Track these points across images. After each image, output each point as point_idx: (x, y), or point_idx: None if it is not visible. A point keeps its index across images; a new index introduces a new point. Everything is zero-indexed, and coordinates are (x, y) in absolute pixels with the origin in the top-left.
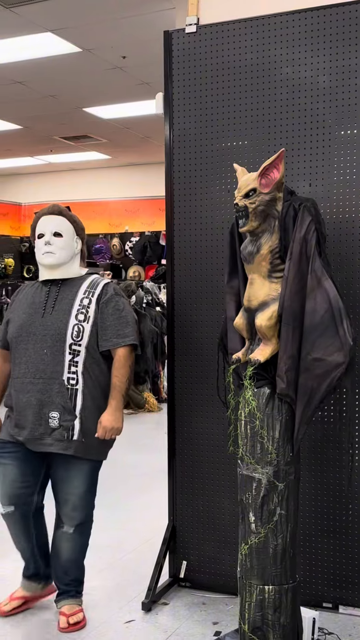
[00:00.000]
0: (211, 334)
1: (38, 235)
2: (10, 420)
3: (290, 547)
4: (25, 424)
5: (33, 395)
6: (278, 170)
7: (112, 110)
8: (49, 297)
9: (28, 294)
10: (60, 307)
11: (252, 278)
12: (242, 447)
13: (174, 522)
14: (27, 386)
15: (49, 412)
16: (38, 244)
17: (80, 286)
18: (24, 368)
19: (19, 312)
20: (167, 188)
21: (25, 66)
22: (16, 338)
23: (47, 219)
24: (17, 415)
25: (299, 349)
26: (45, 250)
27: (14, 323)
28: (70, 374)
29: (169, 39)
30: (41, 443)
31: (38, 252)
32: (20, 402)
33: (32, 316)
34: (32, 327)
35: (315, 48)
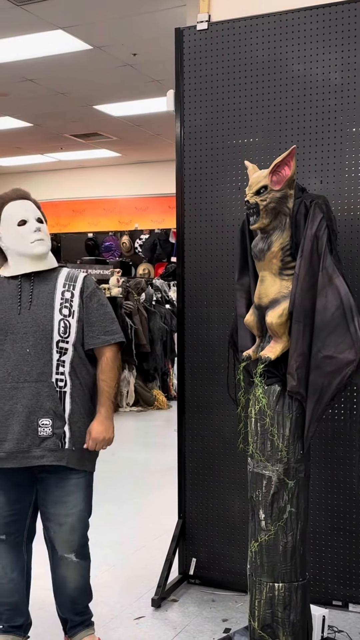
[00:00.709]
0: (221, 332)
1: (19, 222)
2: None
3: (300, 545)
4: (6, 436)
5: (18, 402)
6: (289, 167)
7: (123, 108)
8: (22, 290)
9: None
10: (40, 302)
11: (262, 275)
12: (252, 445)
13: (183, 519)
14: (10, 392)
15: (37, 419)
16: (21, 231)
17: (57, 278)
18: (3, 372)
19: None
20: (178, 185)
21: (36, 64)
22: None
23: (23, 203)
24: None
25: (309, 347)
26: (35, 237)
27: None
28: (59, 374)
29: (180, 36)
30: (28, 456)
31: (23, 240)
32: (0, 411)
33: (5, 313)
34: (8, 326)
35: (326, 45)
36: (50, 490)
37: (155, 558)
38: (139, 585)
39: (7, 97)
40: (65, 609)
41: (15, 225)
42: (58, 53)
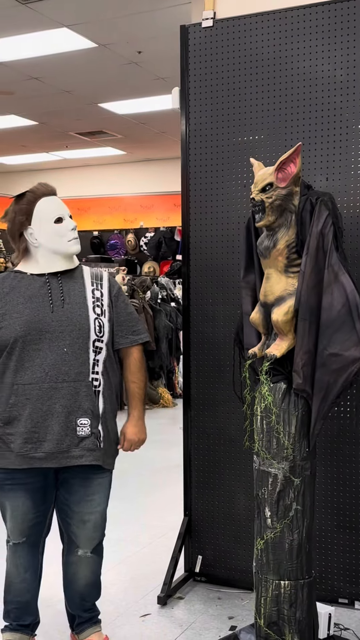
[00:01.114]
0: (227, 329)
1: (55, 219)
2: (17, 437)
3: (306, 543)
4: (44, 437)
5: (57, 402)
6: (295, 164)
7: (128, 106)
8: (52, 289)
9: (17, 287)
10: (73, 300)
11: (268, 273)
12: (258, 442)
13: (189, 517)
14: (48, 392)
15: (76, 419)
16: (58, 228)
17: (83, 276)
18: (40, 372)
19: (17, 307)
20: (183, 183)
21: (41, 62)
22: (22, 338)
23: (55, 199)
24: (30, 427)
25: (315, 344)
26: (73, 236)
27: (14, 320)
28: (94, 374)
29: (185, 33)
30: (68, 456)
31: (59, 238)
32: (39, 411)
33: (37, 311)
34: (42, 324)
35: (332, 42)
36: (75, 489)
37: (161, 556)
38: (145, 583)
39: (12, 96)
40: (74, 605)
41: (51, 223)
42: (63, 51)
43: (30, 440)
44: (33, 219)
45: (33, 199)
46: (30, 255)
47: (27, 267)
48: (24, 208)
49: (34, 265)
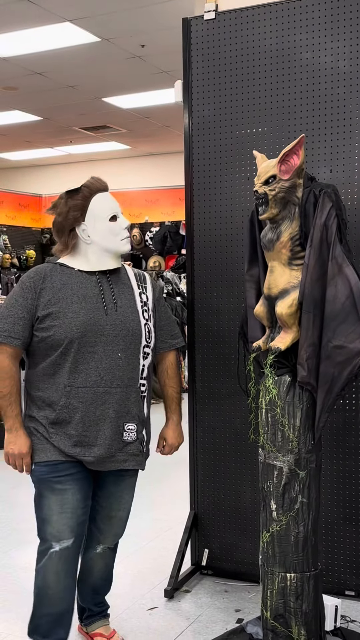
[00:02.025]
0: (232, 323)
1: (110, 217)
2: (63, 438)
3: (311, 535)
4: (95, 441)
5: (110, 407)
6: (298, 156)
7: (132, 100)
8: (104, 289)
9: (68, 283)
10: (124, 303)
11: (272, 266)
12: (263, 435)
13: (195, 511)
14: (102, 397)
15: (124, 424)
16: (112, 226)
17: (129, 278)
18: (95, 375)
19: (72, 306)
20: (187, 176)
21: (45, 57)
22: (79, 339)
23: (110, 196)
24: (82, 431)
25: (319, 337)
26: (126, 235)
27: (69, 320)
28: (142, 379)
29: (187, 26)
30: (113, 460)
31: (113, 237)
32: (92, 415)
33: (93, 313)
34: (97, 327)
35: (335, 33)
36: (106, 486)
37: (167, 549)
38: (152, 577)
39: (16, 91)
40: (86, 598)
41: (106, 220)
42: (66, 46)
43: (80, 443)
44: (87, 216)
45: (88, 194)
46: (79, 251)
47: (74, 263)
48: (79, 204)
49: (83, 262)
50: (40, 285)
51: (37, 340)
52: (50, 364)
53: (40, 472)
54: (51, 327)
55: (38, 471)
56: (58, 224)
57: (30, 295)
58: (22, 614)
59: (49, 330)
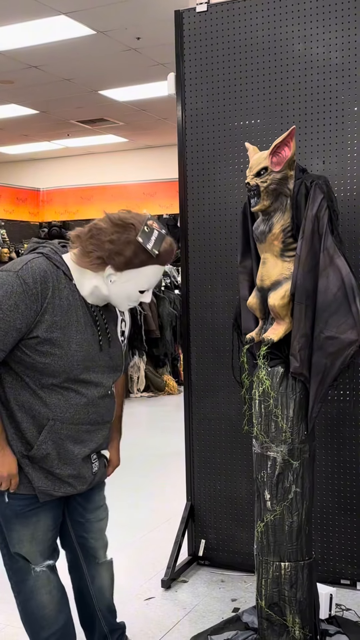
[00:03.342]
0: (226, 315)
1: (143, 290)
2: (38, 472)
3: (305, 524)
4: (68, 478)
5: (88, 445)
6: (289, 147)
7: (128, 93)
8: (98, 318)
9: (73, 306)
10: (113, 337)
11: (264, 257)
12: (256, 426)
13: (192, 502)
14: (83, 435)
15: (92, 455)
16: (134, 295)
17: None
18: (83, 413)
19: (76, 336)
20: (180, 169)
21: (40, 50)
22: (75, 374)
23: (162, 271)
24: (55, 468)
25: (312, 328)
26: (135, 304)
27: (73, 353)
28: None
29: (179, 18)
30: (80, 489)
31: (125, 300)
32: (70, 453)
33: (91, 346)
34: (92, 362)
35: (326, 24)
36: (92, 498)
37: (164, 540)
38: (149, 567)
39: (12, 85)
40: (108, 620)
41: (137, 290)
42: (62, 39)
43: (52, 478)
44: (127, 272)
45: (150, 262)
46: (89, 276)
47: (76, 277)
48: (134, 263)
49: (85, 287)
50: (48, 299)
51: (26, 360)
52: (30, 389)
53: (17, 505)
54: (49, 353)
55: (14, 504)
56: (100, 241)
57: (35, 307)
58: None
59: (45, 356)
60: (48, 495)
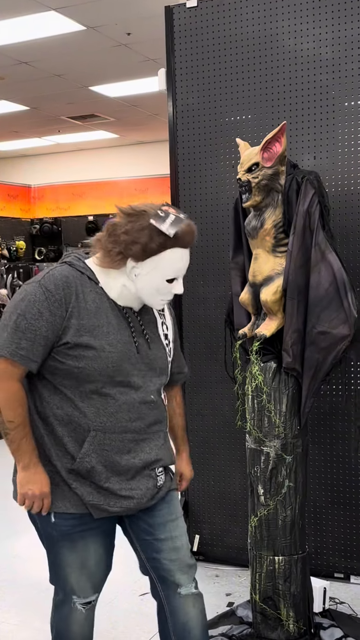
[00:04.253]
0: (219, 311)
1: (170, 279)
2: (85, 486)
3: (299, 519)
4: (127, 494)
5: (137, 456)
6: (280, 143)
7: (119, 88)
8: (132, 320)
9: (102, 308)
10: (153, 338)
11: (256, 253)
12: (250, 422)
13: (186, 498)
14: (128, 445)
15: (156, 470)
16: (163, 287)
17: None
18: (125, 420)
19: (108, 337)
20: (172, 165)
21: (30, 46)
22: (112, 378)
23: (186, 255)
24: (104, 482)
25: (304, 323)
26: (169, 298)
27: (106, 354)
28: (165, 419)
29: (170, 14)
30: (143, 505)
31: (156, 295)
32: (116, 465)
33: (127, 347)
34: (130, 365)
35: (317, 19)
36: (158, 512)
37: None
38: None
39: (2, 81)
40: None
41: (163, 279)
42: (52, 35)
43: (107, 494)
44: (149, 260)
45: (170, 245)
46: (114, 275)
47: (103, 280)
48: (152, 249)
49: (113, 288)
50: (73, 303)
51: (60, 368)
52: (68, 399)
53: (63, 525)
54: (82, 357)
55: (60, 524)
56: (116, 236)
57: (60, 312)
58: (14, 601)
59: (78, 360)
60: (103, 511)
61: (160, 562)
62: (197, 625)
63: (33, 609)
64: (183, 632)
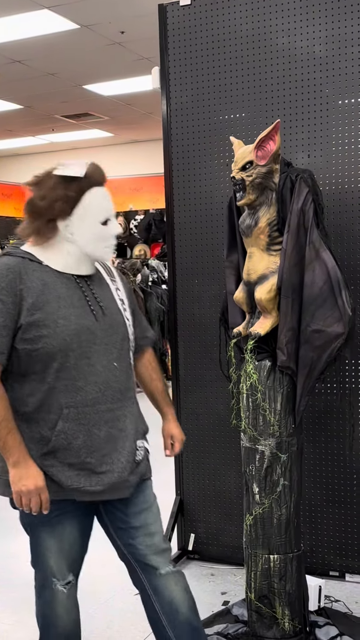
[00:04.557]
0: (213, 310)
1: (103, 220)
2: (62, 469)
3: (294, 517)
4: (100, 467)
5: (114, 426)
6: (274, 141)
7: (113, 87)
8: (86, 290)
9: (48, 283)
10: (108, 304)
11: (250, 251)
12: (244, 420)
13: (181, 496)
14: (105, 415)
15: (135, 442)
16: (102, 231)
17: (100, 273)
18: (95, 391)
19: (60, 311)
20: (166, 163)
21: (24, 45)
22: (73, 351)
23: (108, 194)
24: (84, 457)
25: (298, 321)
26: (113, 242)
27: (60, 328)
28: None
29: (163, 12)
30: (126, 486)
31: (100, 242)
32: (95, 438)
33: (84, 318)
34: (90, 335)
35: (310, 17)
36: (133, 500)
37: None
38: None
39: None
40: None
41: (97, 223)
42: (45, 33)
43: (83, 472)
44: (76, 211)
45: (86, 187)
46: (54, 246)
47: (45, 257)
48: (72, 197)
49: (57, 260)
50: (20, 286)
51: (21, 355)
52: (39, 383)
53: None
54: (39, 337)
55: None
56: (36, 208)
57: (11, 299)
58: (10, 601)
59: (36, 342)
60: (85, 493)
61: (136, 548)
62: (183, 602)
63: (28, 608)
64: (171, 611)
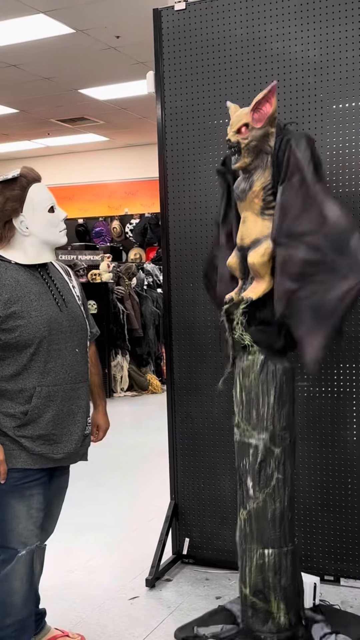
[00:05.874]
0: (208, 314)
1: (49, 208)
2: (32, 439)
3: (288, 511)
4: (62, 438)
5: (74, 403)
6: (270, 104)
7: (108, 91)
8: (50, 284)
9: (19, 280)
10: (69, 297)
11: (244, 216)
12: (237, 414)
13: (175, 500)
14: (70, 393)
15: (86, 418)
16: (51, 218)
17: (58, 270)
18: (63, 373)
19: (32, 304)
20: (161, 167)
21: (19, 49)
22: (47, 338)
23: (45, 187)
24: (51, 429)
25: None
26: (63, 227)
27: (35, 320)
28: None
29: (158, 17)
30: (77, 455)
31: (52, 228)
32: (61, 413)
33: (52, 309)
34: (57, 324)
35: (305, 22)
36: (62, 486)
37: (149, 539)
38: (133, 566)
39: None
40: (36, 603)
41: (45, 212)
42: (41, 38)
43: (49, 441)
44: (25, 207)
45: (26, 184)
46: (16, 244)
47: (11, 256)
48: (17, 194)
49: (21, 255)
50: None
51: (1, 346)
52: (16, 366)
53: (12, 478)
54: (15, 327)
55: (9, 478)
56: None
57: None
58: None
59: (13, 332)
60: (49, 460)
61: None
62: (39, 573)
63: None
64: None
